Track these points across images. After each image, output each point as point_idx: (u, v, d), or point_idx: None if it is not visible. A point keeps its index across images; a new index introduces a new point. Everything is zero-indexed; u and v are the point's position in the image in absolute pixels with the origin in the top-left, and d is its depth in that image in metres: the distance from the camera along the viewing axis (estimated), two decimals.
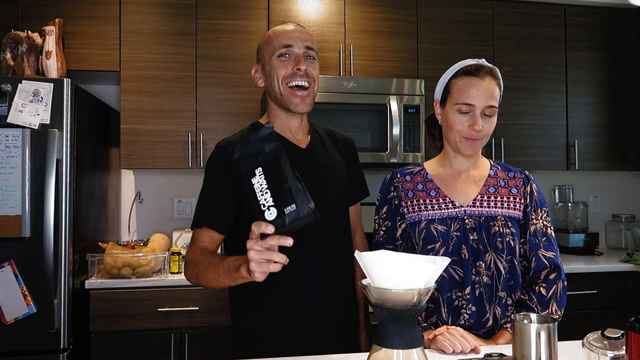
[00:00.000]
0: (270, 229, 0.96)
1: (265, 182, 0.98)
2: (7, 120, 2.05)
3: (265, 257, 0.98)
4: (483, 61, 1.37)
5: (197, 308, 2.31)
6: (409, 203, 1.39)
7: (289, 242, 0.97)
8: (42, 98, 2.09)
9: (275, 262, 0.99)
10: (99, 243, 2.42)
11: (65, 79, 2.13)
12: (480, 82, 1.31)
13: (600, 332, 0.92)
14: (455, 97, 1.34)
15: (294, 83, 1.32)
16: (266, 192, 0.97)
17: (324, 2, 2.79)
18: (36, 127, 2.07)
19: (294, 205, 0.96)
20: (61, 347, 2.07)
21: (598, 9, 3.09)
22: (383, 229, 1.43)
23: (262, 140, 1.01)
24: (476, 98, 1.30)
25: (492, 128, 1.35)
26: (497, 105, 1.34)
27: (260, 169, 0.99)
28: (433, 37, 2.89)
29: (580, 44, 3.08)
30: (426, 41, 2.88)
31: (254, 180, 0.98)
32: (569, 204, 3.17)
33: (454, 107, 1.33)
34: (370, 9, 2.83)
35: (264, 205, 0.97)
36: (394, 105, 2.63)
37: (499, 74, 1.37)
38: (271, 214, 0.96)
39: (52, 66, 2.36)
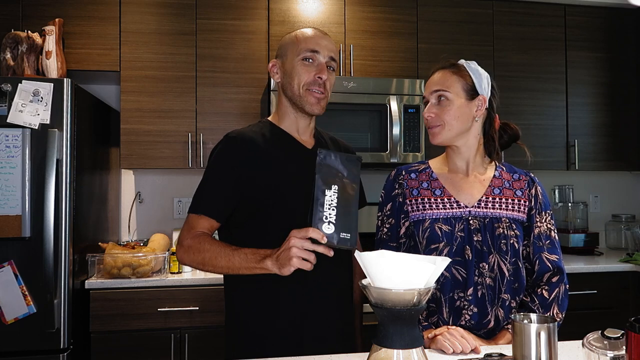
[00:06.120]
0: (324, 240, 1.10)
1: (336, 201, 1.12)
2: (7, 120, 2.05)
3: (304, 255, 1.12)
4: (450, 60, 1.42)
5: (197, 308, 2.31)
6: (413, 201, 1.39)
7: (331, 253, 1.12)
8: (42, 98, 2.09)
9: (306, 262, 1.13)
10: (99, 243, 2.42)
11: (65, 79, 2.13)
12: (432, 78, 1.40)
13: (600, 332, 0.92)
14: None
15: (312, 89, 1.36)
16: (333, 210, 1.11)
17: (324, 2, 2.79)
18: (36, 127, 2.07)
19: (349, 234, 1.11)
20: (61, 347, 2.07)
21: (598, 9, 3.09)
22: (387, 226, 1.43)
23: (349, 162, 1.15)
24: (426, 90, 1.41)
25: (449, 113, 1.34)
26: (451, 91, 1.34)
27: (336, 187, 1.12)
28: (433, 37, 2.89)
29: (580, 44, 3.08)
30: (426, 41, 2.88)
31: (327, 192, 1.11)
32: (569, 204, 3.17)
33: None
34: (370, 9, 2.83)
35: (326, 218, 1.11)
36: (394, 105, 2.63)
37: (465, 66, 1.37)
38: (329, 228, 1.10)
39: (52, 66, 2.36)
